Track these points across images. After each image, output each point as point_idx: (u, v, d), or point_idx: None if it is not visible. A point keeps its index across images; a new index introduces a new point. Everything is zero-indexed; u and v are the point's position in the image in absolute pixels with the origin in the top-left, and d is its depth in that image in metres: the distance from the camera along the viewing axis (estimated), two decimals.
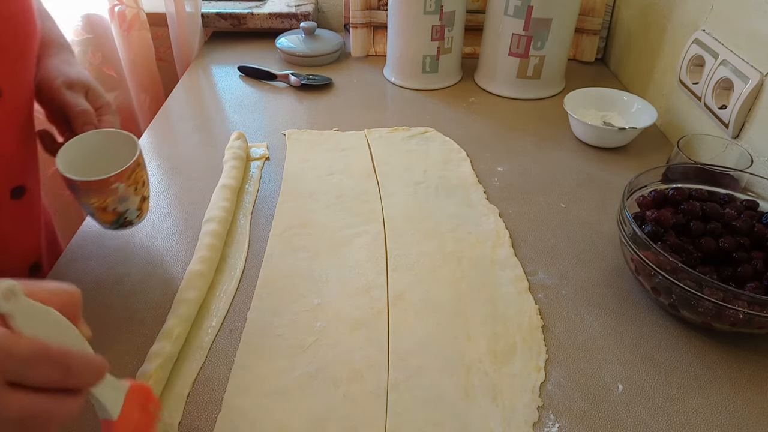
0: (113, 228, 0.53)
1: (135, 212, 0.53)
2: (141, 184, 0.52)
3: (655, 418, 0.45)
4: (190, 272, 0.55)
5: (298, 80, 0.93)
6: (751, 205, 0.56)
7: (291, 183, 0.70)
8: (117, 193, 0.50)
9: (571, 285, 0.57)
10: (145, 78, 1.09)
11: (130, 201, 0.51)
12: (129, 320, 0.52)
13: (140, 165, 0.52)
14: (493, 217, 0.65)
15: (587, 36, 1.00)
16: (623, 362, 0.49)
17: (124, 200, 0.51)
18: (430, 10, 0.86)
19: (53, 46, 0.58)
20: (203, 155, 0.76)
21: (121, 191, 0.50)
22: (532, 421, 0.44)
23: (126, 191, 0.50)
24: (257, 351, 0.49)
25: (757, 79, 0.62)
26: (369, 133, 0.81)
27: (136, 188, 0.52)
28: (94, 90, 0.54)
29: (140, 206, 0.53)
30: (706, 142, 0.67)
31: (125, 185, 0.50)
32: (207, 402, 0.45)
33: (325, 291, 0.55)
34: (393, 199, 0.68)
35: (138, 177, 0.51)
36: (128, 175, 0.50)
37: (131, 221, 0.54)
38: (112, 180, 0.48)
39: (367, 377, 0.47)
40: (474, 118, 0.87)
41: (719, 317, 0.47)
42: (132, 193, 0.51)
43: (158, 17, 1.06)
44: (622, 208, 0.53)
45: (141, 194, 0.53)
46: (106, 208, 0.50)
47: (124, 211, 0.52)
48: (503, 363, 0.48)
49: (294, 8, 1.10)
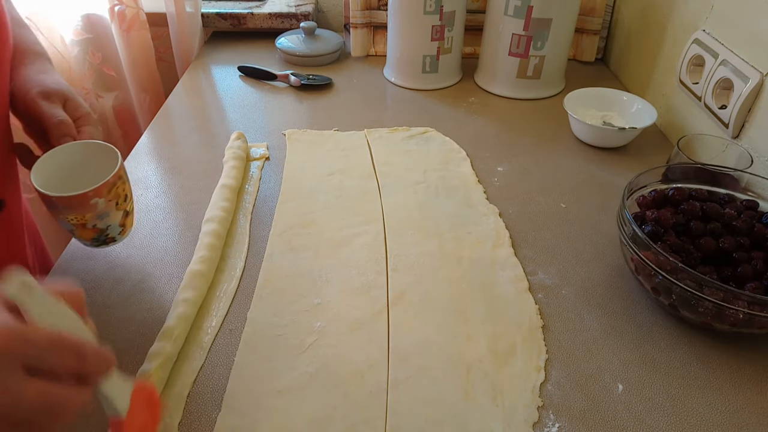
0: (94, 245, 0.51)
1: (117, 228, 0.50)
2: (123, 199, 0.49)
3: (655, 418, 0.45)
4: (190, 272, 0.55)
5: (298, 80, 0.93)
6: (751, 205, 0.56)
7: (291, 183, 0.70)
8: (96, 209, 0.47)
9: (571, 285, 0.57)
10: (145, 78, 1.09)
11: (111, 217, 0.48)
12: (129, 320, 0.52)
13: (121, 178, 0.48)
14: (493, 217, 0.65)
15: (587, 36, 1.00)
16: (623, 362, 0.49)
17: (104, 216, 0.48)
18: (430, 10, 0.86)
19: (28, 54, 0.55)
20: (203, 155, 0.76)
21: (101, 207, 0.47)
22: (532, 421, 0.44)
23: (106, 207, 0.47)
24: (257, 351, 0.49)
25: (757, 79, 0.62)
26: (369, 133, 0.81)
27: (118, 203, 0.48)
28: (73, 100, 0.51)
29: (123, 222, 0.51)
30: (706, 142, 0.67)
31: (105, 200, 0.47)
32: (207, 402, 0.45)
33: (325, 291, 0.55)
34: (393, 199, 0.68)
35: (119, 191, 0.48)
36: (108, 190, 0.47)
37: (113, 238, 0.51)
38: (90, 195, 0.45)
39: (367, 377, 0.47)
40: (474, 118, 0.87)
41: (719, 317, 0.47)
42: (113, 209, 0.48)
43: (158, 17, 1.06)
44: (622, 208, 0.53)
45: (123, 209, 0.50)
46: (85, 224, 0.47)
47: (105, 228, 0.49)
48: (503, 363, 0.48)
49: (294, 8, 1.10)
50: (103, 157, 0.49)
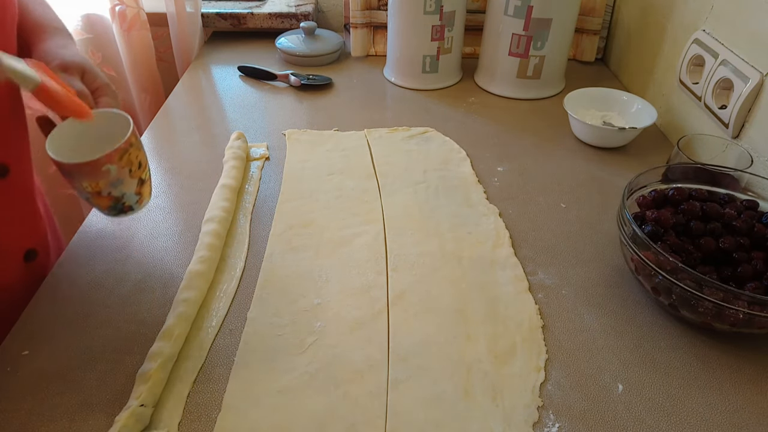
0: (113, 214, 0.51)
1: (134, 197, 0.50)
2: (137, 167, 0.49)
3: (655, 418, 0.45)
4: (190, 272, 0.55)
5: (298, 80, 0.93)
6: (751, 205, 0.56)
7: (291, 183, 0.70)
8: (109, 176, 0.46)
9: (571, 285, 0.57)
10: (146, 78, 1.09)
11: (125, 185, 0.48)
12: (129, 320, 0.52)
13: (133, 145, 0.48)
14: (493, 217, 0.65)
15: (587, 36, 1.00)
16: (623, 362, 0.49)
17: (118, 183, 0.48)
18: (430, 10, 0.86)
19: (48, 31, 0.56)
20: (203, 155, 0.76)
21: (114, 174, 0.47)
22: (532, 421, 0.44)
23: (119, 173, 0.47)
24: (257, 351, 0.49)
25: (757, 79, 0.62)
26: (369, 133, 0.81)
27: (131, 170, 0.48)
28: (91, 72, 0.52)
29: (139, 190, 0.50)
30: (706, 142, 0.67)
31: (117, 167, 0.46)
32: (207, 402, 0.45)
33: (325, 291, 0.55)
34: (393, 199, 0.68)
35: (132, 158, 0.48)
36: (120, 156, 0.46)
37: (131, 207, 0.50)
38: (102, 161, 0.45)
39: (367, 377, 0.47)
40: (474, 118, 0.87)
41: (719, 317, 0.47)
42: (127, 176, 0.48)
43: (158, 17, 1.06)
44: (622, 208, 0.53)
45: (138, 177, 0.49)
46: (100, 192, 0.47)
47: (121, 195, 0.49)
48: (503, 363, 0.48)
49: (294, 8, 1.10)
50: (118, 126, 0.49)
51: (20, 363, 0.48)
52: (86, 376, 0.47)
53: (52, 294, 0.55)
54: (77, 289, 0.55)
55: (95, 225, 0.63)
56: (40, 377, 0.47)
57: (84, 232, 0.62)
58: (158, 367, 0.45)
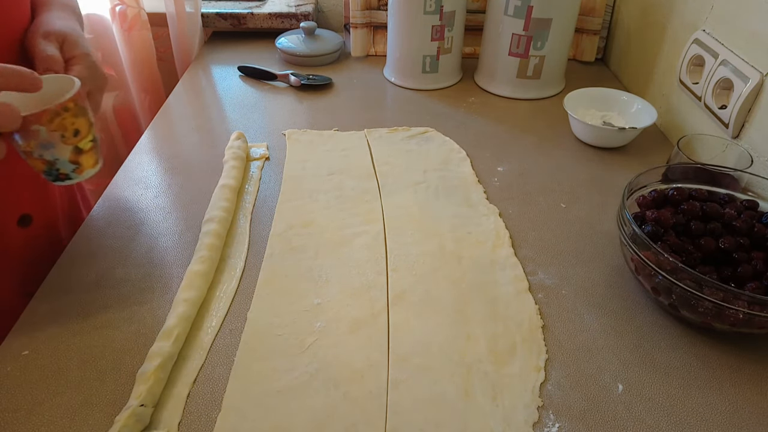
0: (51, 179, 0.50)
1: (69, 165, 0.49)
2: (71, 133, 0.47)
3: (655, 418, 0.45)
4: (190, 272, 0.55)
5: (298, 80, 0.93)
6: (751, 205, 0.56)
7: (291, 183, 0.70)
8: (39, 137, 0.46)
9: (571, 285, 0.57)
10: (146, 78, 1.09)
11: (57, 150, 0.47)
12: (129, 320, 0.52)
13: (69, 110, 0.47)
14: (493, 217, 0.65)
15: (587, 36, 1.00)
16: (623, 362, 0.49)
17: (49, 147, 0.47)
18: (430, 10, 0.86)
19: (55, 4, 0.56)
20: (203, 155, 0.76)
21: (43, 136, 0.46)
22: (532, 421, 0.44)
23: (49, 137, 0.46)
24: (257, 351, 0.49)
25: (757, 79, 0.62)
26: (369, 133, 0.81)
27: (64, 136, 0.47)
28: (72, 41, 0.51)
29: (75, 158, 0.49)
30: (706, 142, 0.67)
31: (46, 129, 0.45)
32: (207, 402, 0.45)
33: (325, 291, 0.55)
34: (393, 199, 0.68)
35: (66, 123, 0.47)
36: (50, 118, 0.45)
37: (68, 175, 0.49)
38: (29, 120, 0.44)
39: (367, 377, 0.47)
40: (474, 118, 0.87)
41: (719, 317, 0.47)
42: (58, 141, 0.47)
43: (159, 17, 1.07)
44: (622, 208, 0.53)
45: (72, 144, 0.48)
46: (31, 152, 0.47)
47: (53, 160, 0.48)
48: (503, 363, 0.48)
49: (294, 8, 1.10)
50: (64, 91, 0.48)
51: (20, 363, 0.48)
52: (86, 376, 0.47)
53: (52, 294, 0.55)
54: (77, 289, 0.55)
55: (95, 226, 0.63)
56: (40, 377, 0.47)
57: (84, 233, 0.62)
58: (158, 367, 0.45)
